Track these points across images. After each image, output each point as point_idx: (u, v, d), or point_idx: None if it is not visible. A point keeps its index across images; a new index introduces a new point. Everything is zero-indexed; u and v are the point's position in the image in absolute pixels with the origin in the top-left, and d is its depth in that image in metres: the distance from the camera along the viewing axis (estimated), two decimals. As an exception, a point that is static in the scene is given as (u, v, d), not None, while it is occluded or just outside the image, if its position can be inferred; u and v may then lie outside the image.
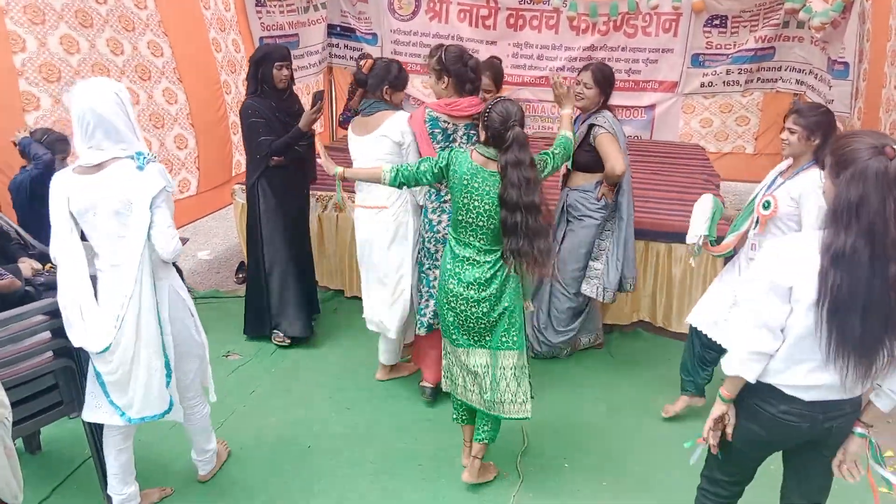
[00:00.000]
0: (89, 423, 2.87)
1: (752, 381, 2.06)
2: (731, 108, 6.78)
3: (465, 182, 2.81)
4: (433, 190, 3.48)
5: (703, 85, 6.45)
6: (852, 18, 4.92)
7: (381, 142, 3.54)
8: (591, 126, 3.79)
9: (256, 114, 4.07)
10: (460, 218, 2.87)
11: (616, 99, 6.51)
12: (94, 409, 2.77)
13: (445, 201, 3.45)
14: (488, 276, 2.87)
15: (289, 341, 4.38)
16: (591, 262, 4.02)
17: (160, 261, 2.65)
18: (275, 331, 4.39)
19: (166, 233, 2.59)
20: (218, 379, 3.96)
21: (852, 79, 4.96)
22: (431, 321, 3.59)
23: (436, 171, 2.94)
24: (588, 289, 4.04)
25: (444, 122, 3.39)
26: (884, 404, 2.04)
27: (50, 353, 2.75)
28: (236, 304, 4.71)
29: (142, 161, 2.56)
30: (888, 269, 1.82)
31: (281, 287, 4.31)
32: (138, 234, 2.55)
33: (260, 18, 5.83)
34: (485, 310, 2.90)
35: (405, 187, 3.12)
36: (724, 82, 6.42)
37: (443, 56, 3.37)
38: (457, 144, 3.40)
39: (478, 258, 2.88)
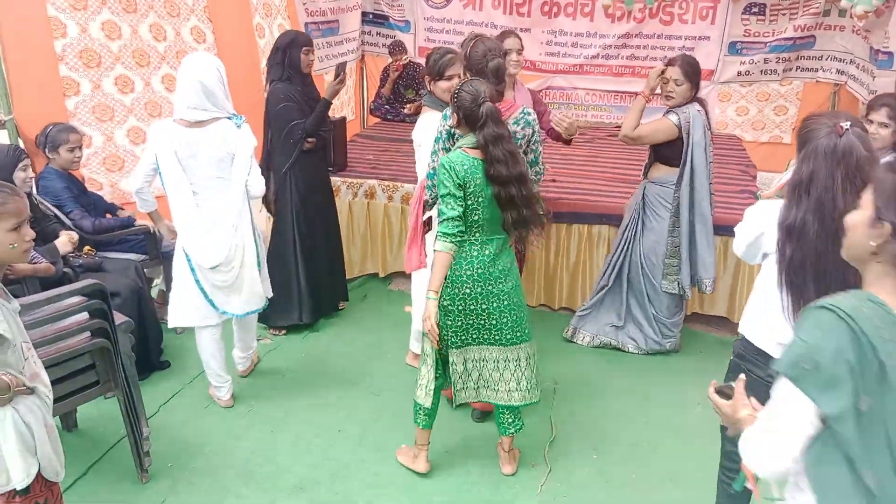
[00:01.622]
0: (124, 401, 2.94)
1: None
2: (768, 97, 6.65)
3: (479, 181, 2.76)
4: None
5: (739, 73, 6.34)
6: None
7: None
8: (671, 111, 3.76)
9: (289, 98, 4.03)
10: (476, 218, 2.82)
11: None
12: (184, 315, 3.49)
13: None
14: (509, 263, 2.95)
15: (284, 332, 4.39)
16: (667, 260, 3.98)
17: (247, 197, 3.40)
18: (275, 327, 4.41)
19: (258, 177, 3.39)
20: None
21: None
22: None
23: (460, 192, 2.78)
24: (667, 285, 4.00)
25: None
26: None
27: (87, 334, 2.80)
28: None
29: (239, 121, 3.33)
30: (839, 242, 1.78)
31: (313, 274, 4.32)
32: (240, 177, 3.32)
33: (304, 4, 5.85)
34: (514, 299, 2.94)
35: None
36: (761, 71, 6.30)
37: (467, 53, 3.29)
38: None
39: (500, 250, 2.91)
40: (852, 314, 1.36)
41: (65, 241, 3.47)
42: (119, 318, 3.00)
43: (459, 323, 2.93)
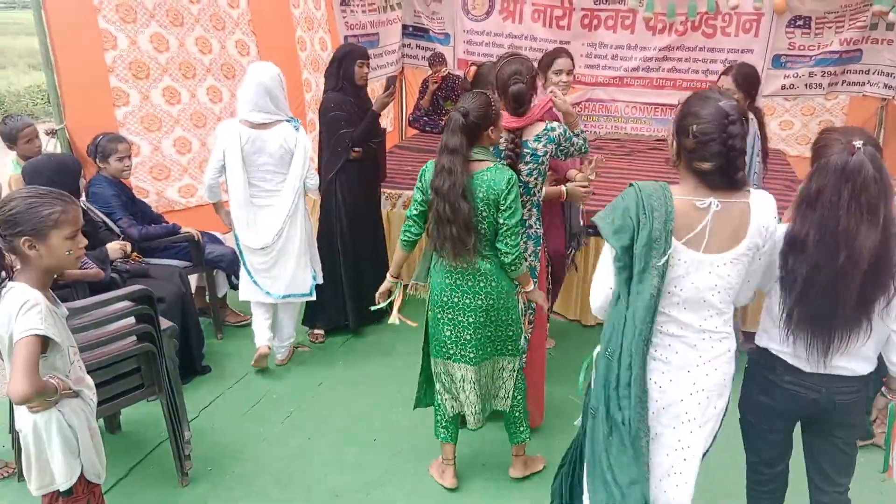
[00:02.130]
0: (167, 405, 2.99)
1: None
2: (813, 111, 6.54)
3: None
4: None
5: (784, 87, 6.23)
6: None
7: None
8: None
9: (340, 107, 4.15)
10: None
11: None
12: (244, 292, 4.02)
13: None
14: (486, 280, 2.89)
15: (322, 341, 4.46)
16: None
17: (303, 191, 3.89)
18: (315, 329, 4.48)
19: (314, 173, 3.93)
20: (286, 369, 4.09)
21: None
22: None
23: (420, 196, 2.93)
24: None
25: None
26: (893, 372, 2.21)
27: (133, 338, 2.86)
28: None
29: (296, 123, 3.83)
30: (837, 257, 1.96)
31: (357, 279, 4.36)
32: (298, 172, 3.81)
33: (345, 17, 5.92)
34: (480, 319, 2.94)
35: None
36: (805, 85, 6.19)
37: (497, 69, 3.24)
38: None
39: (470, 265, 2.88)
40: (642, 187, 2.02)
41: (116, 248, 3.60)
42: (164, 323, 3.05)
43: (435, 332, 3.01)
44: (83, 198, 3.75)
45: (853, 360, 2.14)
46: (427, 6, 6.89)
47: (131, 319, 2.86)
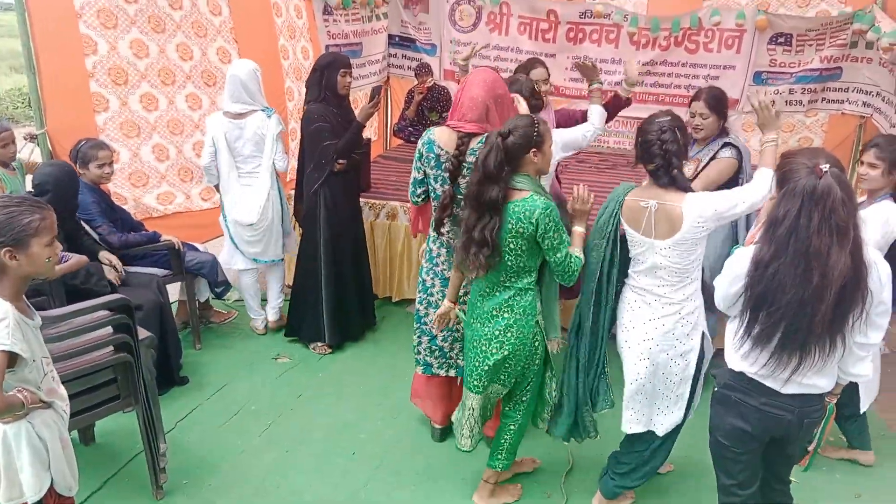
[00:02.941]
0: (143, 416, 2.95)
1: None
2: (793, 128, 6.61)
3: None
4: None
5: (765, 103, 6.29)
6: None
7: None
8: (726, 144, 3.58)
9: (323, 119, 4.09)
10: None
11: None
12: (235, 262, 4.47)
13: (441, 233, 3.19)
14: (502, 312, 2.83)
15: (330, 350, 4.41)
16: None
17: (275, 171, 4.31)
18: (315, 343, 4.42)
19: (282, 154, 4.30)
20: (267, 381, 4.05)
21: None
22: (427, 359, 3.45)
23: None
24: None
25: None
26: (840, 380, 2.33)
27: (110, 348, 2.82)
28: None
29: (270, 112, 4.20)
30: (811, 279, 2.00)
31: (338, 294, 4.33)
32: (268, 153, 4.20)
33: (327, 27, 5.92)
34: (481, 347, 2.89)
35: None
36: (786, 101, 6.25)
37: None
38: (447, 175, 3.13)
39: (491, 292, 2.82)
40: (616, 188, 2.80)
41: (110, 270, 3.66)
42: (142, 333, 3.01)
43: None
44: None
45: (821, 378, 2.22)
46: (414, 16, 6.90)
47: (108, 329, 2.82)
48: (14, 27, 3.99)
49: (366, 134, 4.56)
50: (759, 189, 2.60)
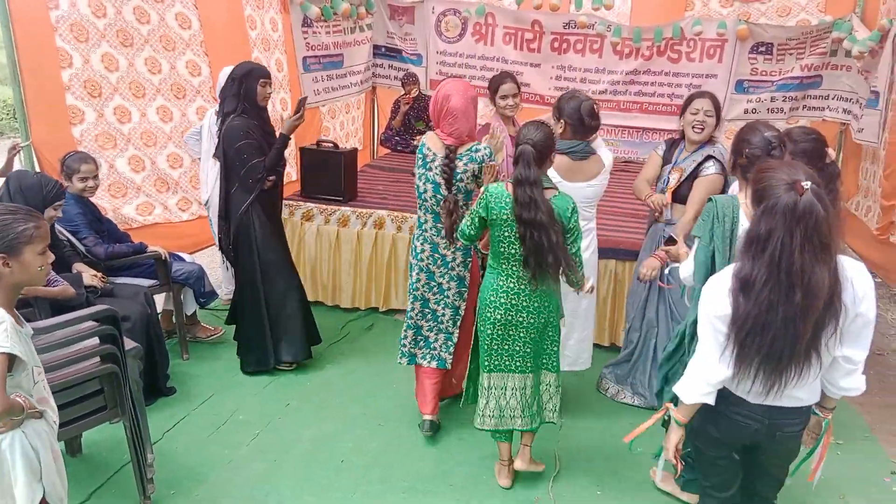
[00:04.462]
0: (130, 427, 2.94)
1: (713, 403, 2.24)
2: (775, 136, 6.69)
3: (505, 215, 2.89)
4: (441, 226, 3.43)
5: (746, 112, 6.38)
6: (887, 47, 4.86)
7: (593, 189, 3.58)
8: (709, 158, 3.58)
9: (248, 135, 3.85)
10: (503, 250, 2.96)
11: (659, 123, 6.57)
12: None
13: (425, 230, 3.50)
14: (542, 300, 3.04)
15: (295, 365, 4.31)
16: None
17: None
18: (282, 362, 4.27)
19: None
20: (254, 390, 4.05)
21: (881, 108, 4.89)
22: (413, 351, 3.67)
23: (478, 223, 3.00)
24: None
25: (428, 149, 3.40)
26: (832, 394, 2.29)
27: (97, 359, 2.82)
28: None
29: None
30: (793, 297, 1.97)
31: (286, 314, 4.19)
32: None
33: (306, 38, 5.95)
34: (536, 334, 3.08)
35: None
36: (768, 109, 6.34)
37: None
38: (431, 174, 3.38)
39: (520, 284, 3.00)
40: (716, 200, 2.59)
41: (90, 277, 3.62)
42: (129, 343, 3.01)
43: (487, 346, 3.09)
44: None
45: (803, 391, 2.19)
46: (400, 27, 6.95)
47: (95, 340, 2.82)
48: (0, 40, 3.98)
49: (348, 143, 4.58)
50: None
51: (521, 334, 3.06)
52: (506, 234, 2.91)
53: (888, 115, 4.76)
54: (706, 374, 2.20)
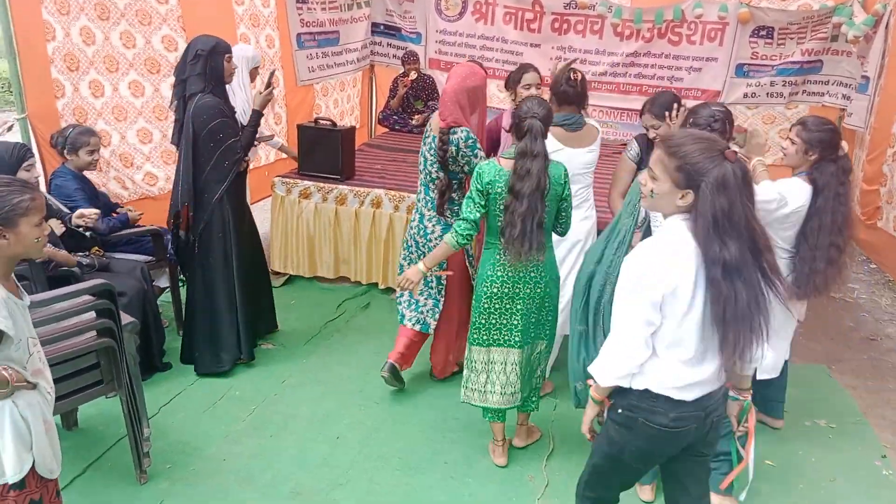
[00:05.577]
0: (126, 401, 2.95)
1: (628, 386, 2.09)
2: (773, 120, 6.69)
3: (499, 189, 2.92)
4: (430, 197, 3.58)
5: (746, 95, 6.38)
6: (879, 32, 4.85)
7: (592, 154, 3.61)
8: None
9: (221, 114, 3.62)
10: (499, 224, 2.96)
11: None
12: None
13: (418, 200, 3.67)
14: (540, 272, 3.07)
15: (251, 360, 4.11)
16: None
17: None
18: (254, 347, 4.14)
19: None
20: (251, 367, 4.06)
21: (870, 93, 4.89)
22: (405, 311, 3.82)
23: (481, 200, 2.97)
24: None
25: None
26: (749, 370, 2.17)
27: (94, 333, 2.82)
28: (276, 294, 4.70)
29: None
30: (764, 262, 1.93)
31: (256, 305, 4.16)
32: None
33: (300, 15, 5.89)
34: (534, 305, 3.11)
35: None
36: (767, 94, 6.34)
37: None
38: (425, 149, 3.55)
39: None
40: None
41: (78, 214, 3.59)
42: (125, 318, 3.01)
43: (483, 321, 3.11)
44: (42, 189, 3.69)
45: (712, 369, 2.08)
46: (399, 5, 6.90)
47: (91, 314, 2.82)
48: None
49: (345, 121, 4.52)
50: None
51: (519, 306, 3.07)
52: (501, 208, 2.93)
53: (876, 100, 4.76)
54: (629, 357, 2.03)
